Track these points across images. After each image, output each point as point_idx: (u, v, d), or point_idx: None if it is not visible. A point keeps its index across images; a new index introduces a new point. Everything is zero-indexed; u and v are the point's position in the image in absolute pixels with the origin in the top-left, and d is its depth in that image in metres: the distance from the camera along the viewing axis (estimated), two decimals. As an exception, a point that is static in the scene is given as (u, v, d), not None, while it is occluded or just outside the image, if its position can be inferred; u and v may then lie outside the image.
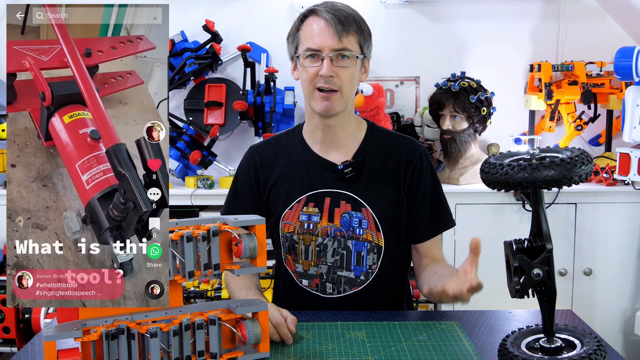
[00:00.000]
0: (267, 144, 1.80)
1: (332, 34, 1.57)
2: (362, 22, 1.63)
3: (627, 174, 2.70)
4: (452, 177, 2.96)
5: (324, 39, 1.57)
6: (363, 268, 1.68)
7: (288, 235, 1.70)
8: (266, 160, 1.75)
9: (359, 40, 1.61)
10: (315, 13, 1.60)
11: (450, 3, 3.19)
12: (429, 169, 1.72)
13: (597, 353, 1.19)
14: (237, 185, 1.78)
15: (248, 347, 1.34)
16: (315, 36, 1.58)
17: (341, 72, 1.58)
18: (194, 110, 3.06)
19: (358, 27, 1.61)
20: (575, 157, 1.17)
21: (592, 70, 3.02)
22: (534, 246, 1.25)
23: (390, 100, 3.25)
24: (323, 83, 1.59)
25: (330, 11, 1.58)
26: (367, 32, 1.64)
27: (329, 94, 1.60)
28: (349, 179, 1.67)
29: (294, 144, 1.75)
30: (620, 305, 2.93)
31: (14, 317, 2.78)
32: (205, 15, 3.13)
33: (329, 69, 1.57)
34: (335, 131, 1.69)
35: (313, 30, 1.59)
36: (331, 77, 1.58)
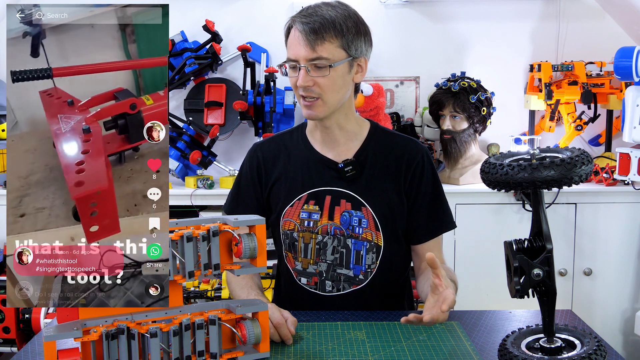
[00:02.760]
0: (270, 141, 1.81)
1: (305, 44, 1.56)
2: (347, 23, 1.58)
3: (627, 174, 2.70)
4: (452, 177, 2.96)
5: (298, 50, 1.58)
6: (362, 267, 1.68)
7: (288, 232, 1.70)
8: (269, 157, 1.76)
9: (341, 44, 1.58)
10: (293, 23, 1.61)
11: (450, 3, 3.19)
12: (430, 170, 1.72)
13: (597, 353, 1.19)
14: (240, 182, 1.79)
15: (248, 347, 1.34)
16: (292, 47, 1.60)
17: (319, 80, 1.58)
18: (194, 110, 3.07)
19: (338, 30, 1.57)
20: (576, 157, 1.17)
21: (592, 70, 3.02)
22: (534, 246, 1.25)
23: (390, 100, 3.25)
24: (302, 92, 1.61)
25: (305, 21, 1.57)
26: (355, 31, 1.60)
27: (310, 102, 1.61)
28: (349, 178, 1.67)
29: (296, 142, 1.76)
30: (620, 305, 2.93)
31: (14, 317, 2.78)
32: (205, 15, 3.13)
33: (303, 79, 1.58)
34: (334, 131, 1.70)
35: (291, 41, 1.61)
36: (309, 86, 1.59)
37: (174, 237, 1.23)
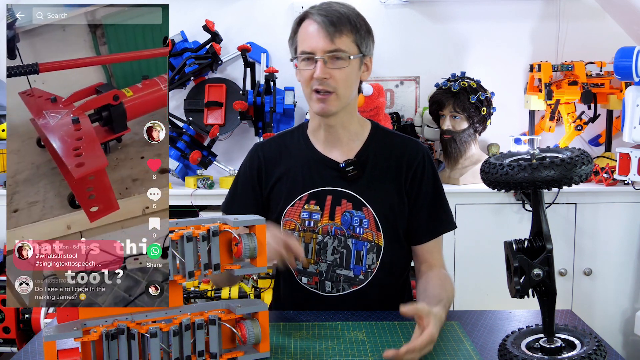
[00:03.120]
0: (272, 141, 1.81)
1: (324, 36, 1.57)
2: (359, 20, 1.63)
3: (627, 174, 2.70)
4: (452, 177, 2.96)
5: (316, 42, 1.58)
6: (362, 267, 1.68)
7: (289, 232, 1.70)
8: (270, 156, 1.76)
9: (355, 40, 1.61)
10: (309, 16, 1.61)
11: (450, 3, 3.19)
12: (431, 170, 1.72)
13: (597, 353, 1.19)
14: (239, 181, 1.79)
15: (248, 347, 1.34)
16: (308, 39, 1.60)
17: (335, 73, 1.59)
18: (194, 110, 3.07)
19: (353, 26, 1.61)
20: (576, 157, 1.17)
21: (592, 70, 3.02)
22: (534, 246, 1.25)
23: (390, 100, 3.25)
24: (318, 85, 1.60)
25: (323, 13, 1.59)
26: (366, 29, 1.64)
27: (325, 95, 1.61)
28: (351, 178, 1.67)
29: (298, 142, 1.76)
30: (620, 305, 2.93)
31: (14, 317, 2.79)
32: (205, 15, 3.13)
33: (321, 70, 1.58)
34: (337, 130, 1.70)
35: (307, 34, 1.61)
36: (325, 79, 1.59)
37: (174, 237, 1.23)
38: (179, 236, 1.23)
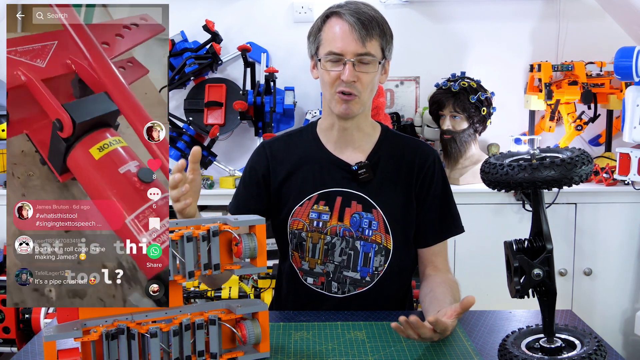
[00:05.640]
0: (278, 139, 1.79)
1: (356, 38, 1.55)
2: (385, 24, 1.62)
3: (627, 174, 2.70)
4: (452, 177, 2.96)
5: (347, 44, 1.56)
6: (369, 269, 1.67)
7: (297, 232, 1.69)
8: (277, 154, 1.74)
9: (381, 44, 1.60)
10: (339, 15, 1.58)
11: (450, 3, 3.19)
12: (440, 174, 1.72)
13: (597, 353, 1.19)
14: (244, 180, 1.77)
15: (248, 347, 1.34)
16: (338, 40, 1.57)
17: (363, 76, 1.58)
18: (194, 110, 3.07)
19: (381, 30, 1.59)
20: (576, 157, 1.17)
21: (592, 70, 3.02)
22: (534, 246, 1.25)
23: (390, 100, 3.25)
24: (344, 87, 1.58)
25: (354, 14, 1.56)
26: (390, 34, 1.63)
27: (349, 97, 1.59)
28: (363, 180, 1.67)
29: (307, 141, 1.75)
30: (620, 305, 2.93)
31: (14, 317, 2.78)
32: (205, 15, 3.13)
33: (351, 74, 1.56)
34: (352, 132, 1.69)
35: (336, 33, 1.58)
36: (353, 82, 1.57)
37: (174, 237, 1.23)
38: (179, 236, 1.23)
